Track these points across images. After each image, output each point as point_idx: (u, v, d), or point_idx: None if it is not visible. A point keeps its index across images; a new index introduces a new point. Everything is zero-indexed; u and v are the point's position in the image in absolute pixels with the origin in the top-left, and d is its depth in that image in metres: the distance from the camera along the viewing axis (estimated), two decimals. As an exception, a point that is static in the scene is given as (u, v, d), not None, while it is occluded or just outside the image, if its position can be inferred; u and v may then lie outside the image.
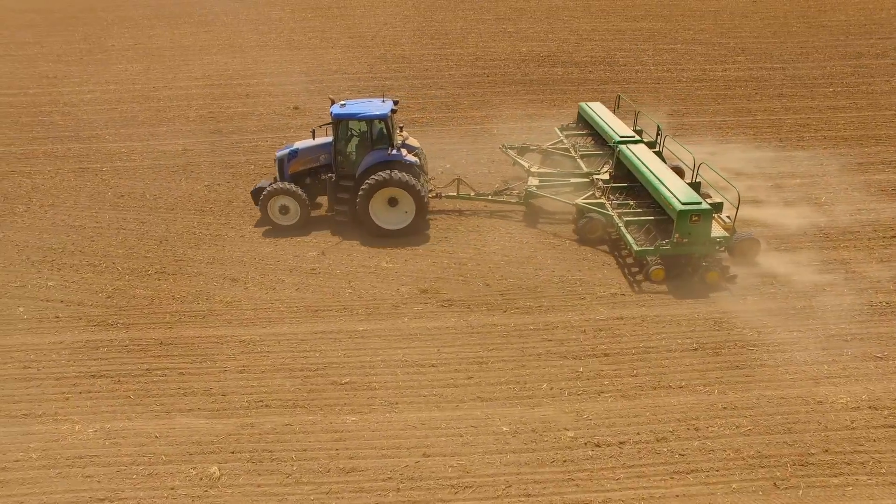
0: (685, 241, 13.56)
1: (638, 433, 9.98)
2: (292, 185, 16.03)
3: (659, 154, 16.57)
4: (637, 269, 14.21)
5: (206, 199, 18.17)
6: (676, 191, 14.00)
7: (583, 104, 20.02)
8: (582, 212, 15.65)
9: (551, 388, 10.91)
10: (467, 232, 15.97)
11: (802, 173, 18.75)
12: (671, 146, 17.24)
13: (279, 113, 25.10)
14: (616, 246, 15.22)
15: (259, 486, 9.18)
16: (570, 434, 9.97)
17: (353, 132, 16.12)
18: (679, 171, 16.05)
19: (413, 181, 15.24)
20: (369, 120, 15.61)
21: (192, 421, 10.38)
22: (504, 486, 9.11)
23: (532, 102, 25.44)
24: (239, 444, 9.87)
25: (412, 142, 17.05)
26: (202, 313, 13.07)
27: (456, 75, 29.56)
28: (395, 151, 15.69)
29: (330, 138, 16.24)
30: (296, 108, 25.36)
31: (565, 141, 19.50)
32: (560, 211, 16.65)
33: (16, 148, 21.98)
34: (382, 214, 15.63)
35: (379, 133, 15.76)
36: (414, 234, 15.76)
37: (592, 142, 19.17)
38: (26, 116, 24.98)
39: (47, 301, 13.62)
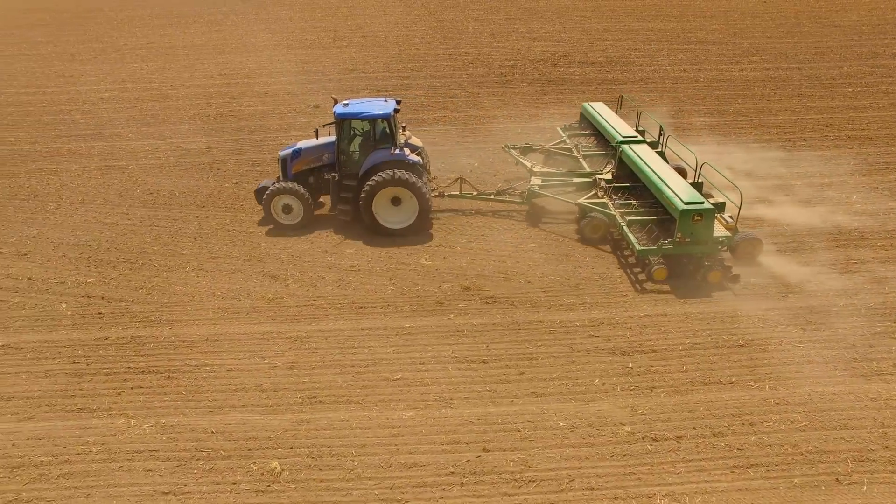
0: (687, 240, 13.55)
1: (694, 428, 10.00)
2: (295, 184, 16.01)
3: (661, 154, 16.59)
4: (639, 269, 14.21)
5: (235, 196, 18.16)
6: (679, 190, 13.97)
7: (585, 104, 20.10)
8: (584, 211, 15.66)
9: (603, 384, 10.94)
10: (503, 231, 15.97)
11: (829, 172, 18.82)
12: (674, 147, 17.17)
13: (300, 111, 25.10)
14: (618, 246, 15.21)
15: (321, 481, 9.17)
16: (627, 429, 10.00)
17: (356, 131, 16.07)
18: (682, 172, 16.08)
19: (416, 180, 15.22)
20: (372, 119, 15.60)
21: (246, 417, 10.36)
22: (567, 480, 9.13)
23: (553, 102, 25.48)
24: (297, 440, 9.86)
25: (415, 141, 17.10)
26: (245, 310, 13.06)
27: (473, 75, 29.60)
28: (398, 151, 15.67)
29: (333, 138, 16.23)
30: (316, 106, 25.34)
31: (568, 141, 19.56)
32: (566, 210, 16.56)
33: (40, 146, 21.94)
34: (385, 213, 15.61)
35: (382, 132, 15.76)
36: (417, 233, 15.71)
37: (595, 142, 19.22)
38: (47, 115, 24.95)
39: (88, 297, 13.59)
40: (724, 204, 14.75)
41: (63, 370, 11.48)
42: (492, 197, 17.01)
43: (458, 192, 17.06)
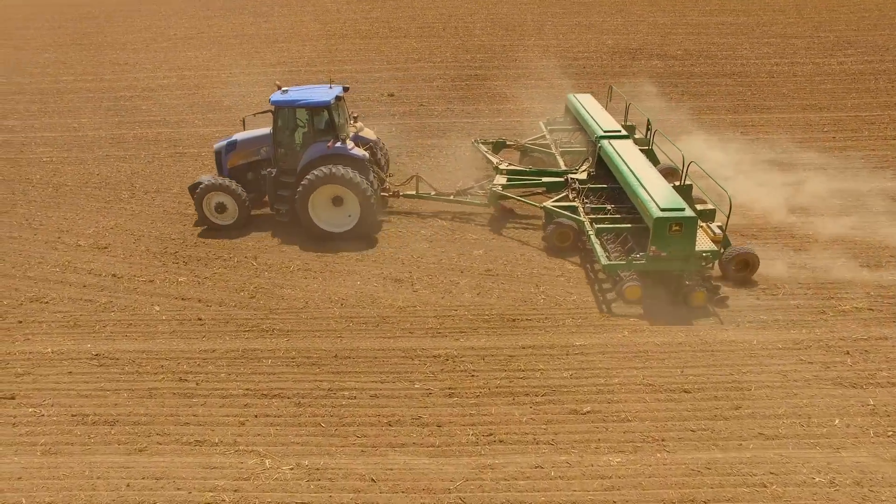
0: (664, 254, 11.10)
1: None
2: (229, 180, 13.90)
3: (651, 153, 14.36)
4: (609, 287, 11.77)
5: (327, 189, 16.20)
6: (657, 194, 11.50)
7: (570, 95, 17.73)
8: (551, 216, 13.33)
9: (847, 426, 8.73)
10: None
11: None
12: (662, 144, 14.88)
13: (374, 100, 23.15)
14: (591, 257, 12.60)
15: (533, 549, 7.11)
16: (907, 489, 7.84)
17: (296, 122, 13.97)
18: (672, 174, 13.82)
19: (357, 177, 13.02)
20: (311, 108, 13.47)
21: (411, 459, 8.25)
22: (856, 560, 7.02)
23: (649, 95, 23.30)
24: (485, 493, 7.73)
25: (367, 134, 15.01)
26: (374, 320, 10.98)
27: (549, 66, 27.47)
28: (338, 144, 13.46)
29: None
30: (391, 94, 23.44)
31: (548, 136, 17.28)
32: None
33: (104, 132, 20.12)
34: (324, 215, 13.50)
35: (322, 123, 13.62)
36: (360, 238, 13.48)
37: (578, 137, 16.93)
38: (107, 101, 23.24)
39: (183, 300, 11.62)
40: (713, 212, 12.37)
41: (170, 389, 9.46)
42: (451, 198, 14.73)
43: (414, 192, 14.83)
